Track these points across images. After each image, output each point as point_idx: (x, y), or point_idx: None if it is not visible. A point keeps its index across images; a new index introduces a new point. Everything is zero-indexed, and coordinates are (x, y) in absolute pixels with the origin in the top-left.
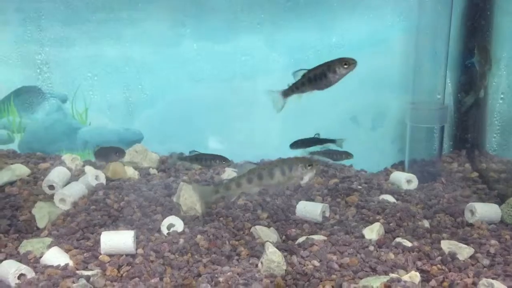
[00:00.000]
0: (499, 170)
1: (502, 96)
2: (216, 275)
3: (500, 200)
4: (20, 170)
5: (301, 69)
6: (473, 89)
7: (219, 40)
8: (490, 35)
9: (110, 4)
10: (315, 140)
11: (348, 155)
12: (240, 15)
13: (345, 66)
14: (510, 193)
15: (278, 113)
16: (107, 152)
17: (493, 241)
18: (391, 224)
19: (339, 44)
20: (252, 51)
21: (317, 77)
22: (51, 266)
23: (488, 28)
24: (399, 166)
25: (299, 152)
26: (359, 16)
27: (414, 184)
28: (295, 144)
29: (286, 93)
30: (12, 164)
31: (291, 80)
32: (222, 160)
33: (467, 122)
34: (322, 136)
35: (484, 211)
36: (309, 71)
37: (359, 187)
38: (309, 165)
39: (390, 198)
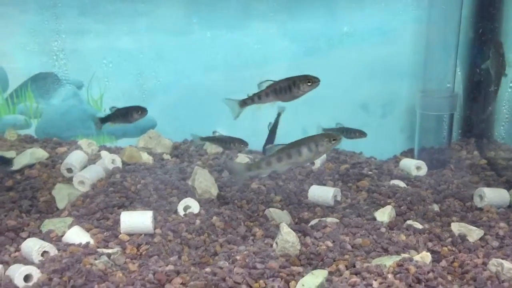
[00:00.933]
0: (507, 157)
1: (511, 85)
2: (232, 254)
3: (508, 186)
4: (38, 153)
5: (267, 80)
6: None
7: (232, 28)
8: (500, 25)
9: None
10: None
11: (361, 133)
12: (253, 3)
13: (309, 84)
14: None
15: (234, 120)
16: (127, 112)
17: (502, 224)
18: (402, 207)
19: (350, 33)
20: (264, 39)
21: (282, 90)
22: (73, 244)
23: (498, 18)
24: (409, 153)
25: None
26: (371, 5)
27: (424, 170)
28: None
29: (244, 102)
30: (30, 148)
31: (302, 67)
32: (241, 143)
33: (476, 111)
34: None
35: (493, 195)
36: (275, 83)
37: (370, 172)
38: (333, 140)
39: (400, 183)
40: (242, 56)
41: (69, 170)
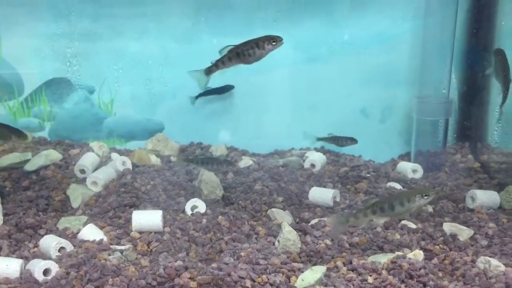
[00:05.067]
0: (500, 161)
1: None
2: (237, 251)
3: (499, 188)
4: (53, 155)
5: (228, 46)
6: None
7: (237, 36)
8: (493, 33)
9: (136, 2)
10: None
11: (353, 140)
12: (257, 13)
13: (273, 43)
14: (509, 182)
15: (202, 90)
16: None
17: (491, 224)
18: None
19: (351, 41)
20: None
21: (244, 53)
22: (88, 241)
23: (491, 26)
24: (406, 157)
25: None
26: (370, 14)
27: (420, 173)
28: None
29: (210, 70)
30: (44, 150)
31: (303, 74)
32: (228, 165)
33: (470, 116)
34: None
35: (484, 197)
36: (237, 46)
37: (368, 175)
38: (425, 195)
39: (397, 185)
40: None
41: (82, 171)
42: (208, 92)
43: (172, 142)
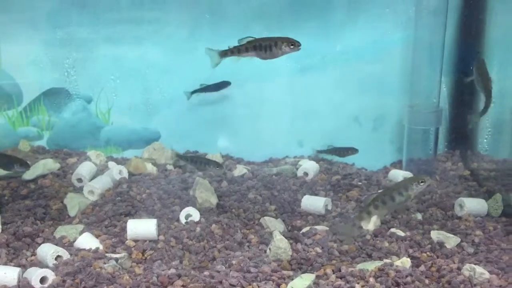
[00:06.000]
0: (489, 169)
1: (493, 100)
2: (229, 259)
3: (488, 196)
4: (50, 164)
5: (249, 37)
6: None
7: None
8: (482, 45)
9: (133, 12)
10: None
11: (353, 150)
12: (251, 23)
13: (291, 46)
14: (498, 189)
15: (213, 68)
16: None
17: (478, 232)
18: (386, 216)
19: (344, 51)
20: None
21: (262, 47)
22: (84, 249)
23: (479, 38)
24: (397, 164)
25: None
26: (362, 26)
27: None
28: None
29: (225, 53)
30: (42, 159)
31: (298, 84)
32: (216, 166)
33: (460, 124)
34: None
35: (472, 205)
36: (256, 40)
37: (359, 183)
38: (421, 182)
39: None
40: (242, 72)
41: (79, 180)
42: (204, 89)
43: (168, 151)
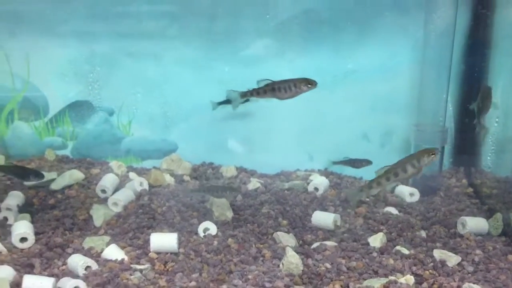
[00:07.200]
0: (491, 186)
1: (497, 120)
2: (245, 273)
3: (489, 214)
4: (76, 175)
5: (267, 79)
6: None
7: (248, 64)
8: (487, 67)
9: (154, 31)
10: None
11: (368, 162)
12: (266, 43)
13: (309, 86)
14: (499, 208)
15: (234, 110)
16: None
17: (478, 251)
18: (392, 234)
19: (354, 70)
20: (276, 74)
21: (281, 89)
22: (111, 260)
23: (485, 60)
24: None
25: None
26: (372, 46)
27: (416, 197)
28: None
29: (245, 94)
30: (68, 168)
31: (309, 100)
32: (232, 191)
33: (465, 142)
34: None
35: (473, 224)
36: (274, 82)
37: (367, 199)
38: (432, 154)
39: (393, 210)
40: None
41: (103, 191)
42: (229, 101)
43: (185, 162)
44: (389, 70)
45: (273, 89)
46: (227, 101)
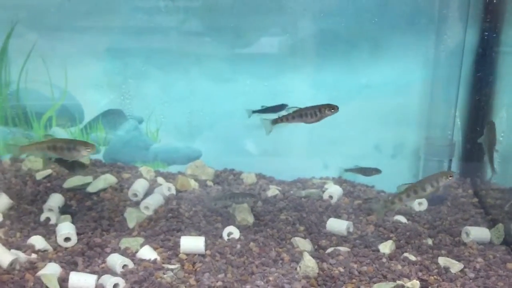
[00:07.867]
0: (495, 197)
1: (502, 135)
2: (266, 274)
3: (492, 224)
4: (110, 179)
5: (295, 107)
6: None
7: (268, 78)
8: (494, 83)
9: (182, 45)
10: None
11: (377, 171)
12: (285, 58)
13: (332, 110)
14: (501, 218)
15: (267, 135)
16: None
17: (479, 259)
18: (401, 241)
19: (368, 85)
20: (294, 88)
21: (308, 115)
22: (145, 260)
23: (492, 77)
24: None
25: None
26: (385, 63)
27: (424, 206)
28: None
29: (275, 121)
30: (101, 172)
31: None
32: (251, 197)
33: (472, 154)
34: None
35: (476, 233)
36: (301, 109)
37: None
38: (450, 176)
39: (402, 218)
40: (275, 101)
41: (135, 195)
42: (264, 110)
43: (208, 168)
44: (401, 86)
45: (301, 115)
46: (262, 110)
